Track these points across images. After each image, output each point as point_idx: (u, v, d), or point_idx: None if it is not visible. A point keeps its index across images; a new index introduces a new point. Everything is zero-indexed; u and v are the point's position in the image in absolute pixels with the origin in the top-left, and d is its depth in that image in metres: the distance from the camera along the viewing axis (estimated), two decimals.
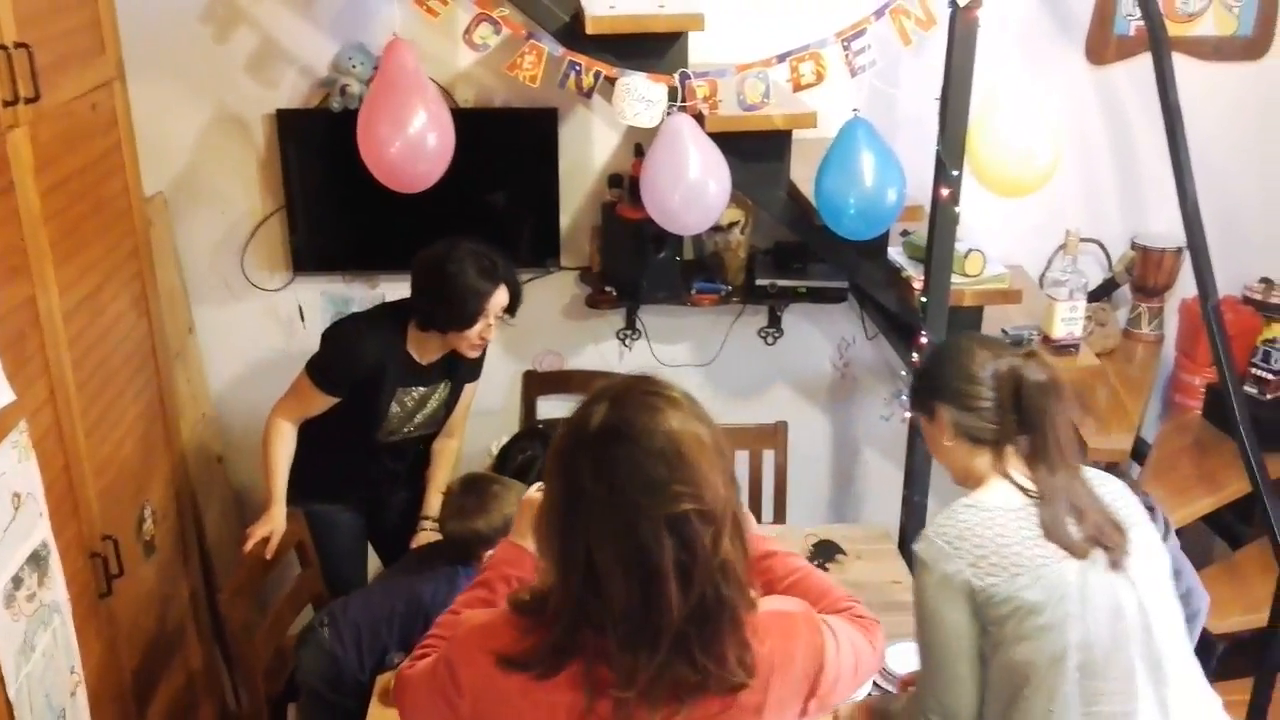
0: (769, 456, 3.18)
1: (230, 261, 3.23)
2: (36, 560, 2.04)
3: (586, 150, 3.20)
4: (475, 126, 3.07)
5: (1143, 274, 3.35)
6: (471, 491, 2.34)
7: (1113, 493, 1.85)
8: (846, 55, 2.39)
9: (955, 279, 2.63)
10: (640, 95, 2.44)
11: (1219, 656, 2.29)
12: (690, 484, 1.25)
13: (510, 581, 1.57)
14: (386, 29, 2.93)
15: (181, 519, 2.90)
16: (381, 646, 2.21)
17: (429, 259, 2.58)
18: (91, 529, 2.31)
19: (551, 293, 3.33)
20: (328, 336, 2.66)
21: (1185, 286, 3.38)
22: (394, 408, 2.66)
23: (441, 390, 2.76)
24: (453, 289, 2.52)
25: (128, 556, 2.45)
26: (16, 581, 1.96)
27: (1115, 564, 1.74)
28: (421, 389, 2.70)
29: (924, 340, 2.59)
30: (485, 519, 2.27)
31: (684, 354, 3.42)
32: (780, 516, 3.13)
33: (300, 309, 3.30)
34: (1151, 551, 1.82)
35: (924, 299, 2.59)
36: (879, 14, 2.37)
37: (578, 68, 2.45)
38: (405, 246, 3.18)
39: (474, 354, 2.66)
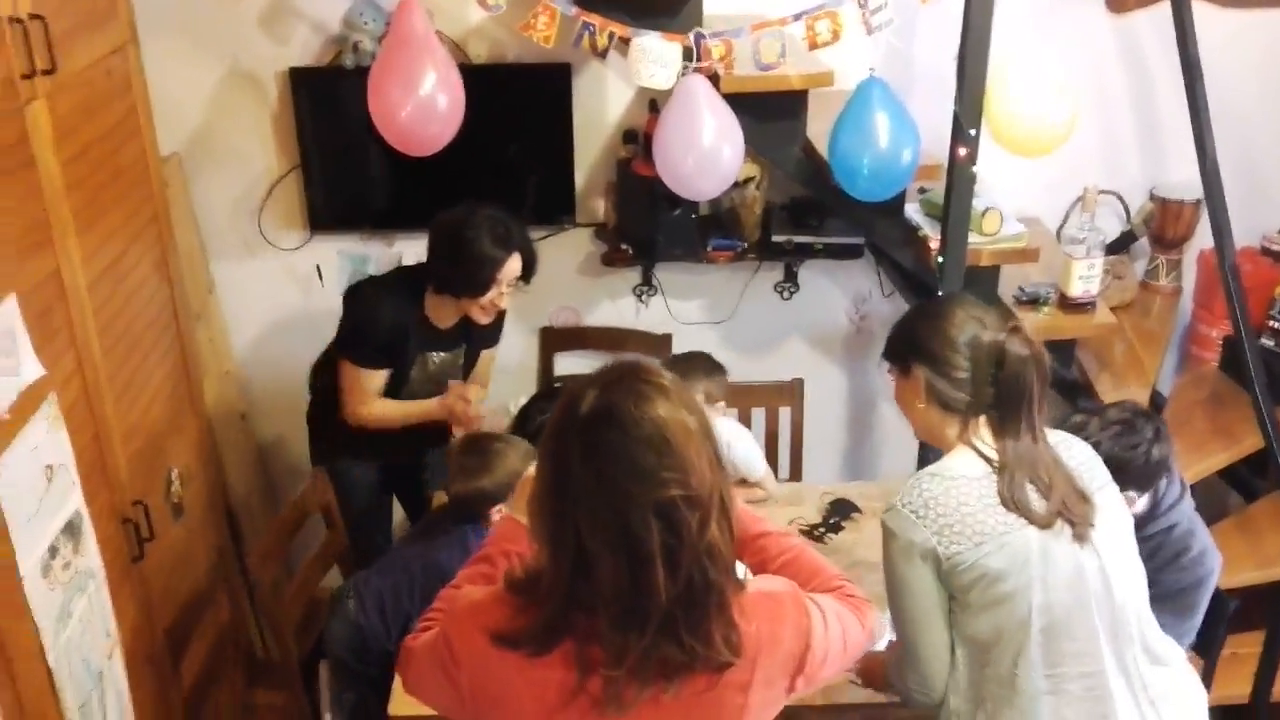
0: (785, 414, 3.20)
1: (247, 221, 3.25)
2: (71, 529, 2.09)
3: (601, 106, 3.18)
4: (488, 83, 3.05)
5: (1161, 226, 3.33)
6: (474, 451, 2.35)
7: (1078, 457, 1.86)
8: (863, 14, 2.36)
9: (972, 238, 2.62)
10: (655, 57, 2.42)
11: (1230, 616, 2.32)
12: (677, 470, 1.28)
13: (510, 556, 1.60)
14: None
15: (208, 479, 2.95)
16: (405, 615, 2.25)
17: (446, 224, 2.59)
18: (122, 495, 2.36)
19: (567, 250, 3.33)
20: (347, 309, 2.68)
21: (1204, 238, 3.35)
22: (415, 371, 2.69)
23: (460, 353, 2.79)
24: (467, 255, 2.54)
25: (158, 520, 2.50)
26: (52, 551, 2.01)
27: (1079, 536, 1.76)
28: (442, 353, 2.73)
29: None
30: (490, 477, 2.29)
31: (700, 311, 3.43)
32: (796, 474, 3.16)
33: (318, 268, 3.31)
34: (1115, 515, 1.84)
35: (940, 259, 2.59)
36: None
37: (591, 28, 2.43)
38: (421, 205, 3.19)
39: (485, 319, 2.68)
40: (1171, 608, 2.21)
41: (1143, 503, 2.23)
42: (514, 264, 2.59)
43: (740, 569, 2.04)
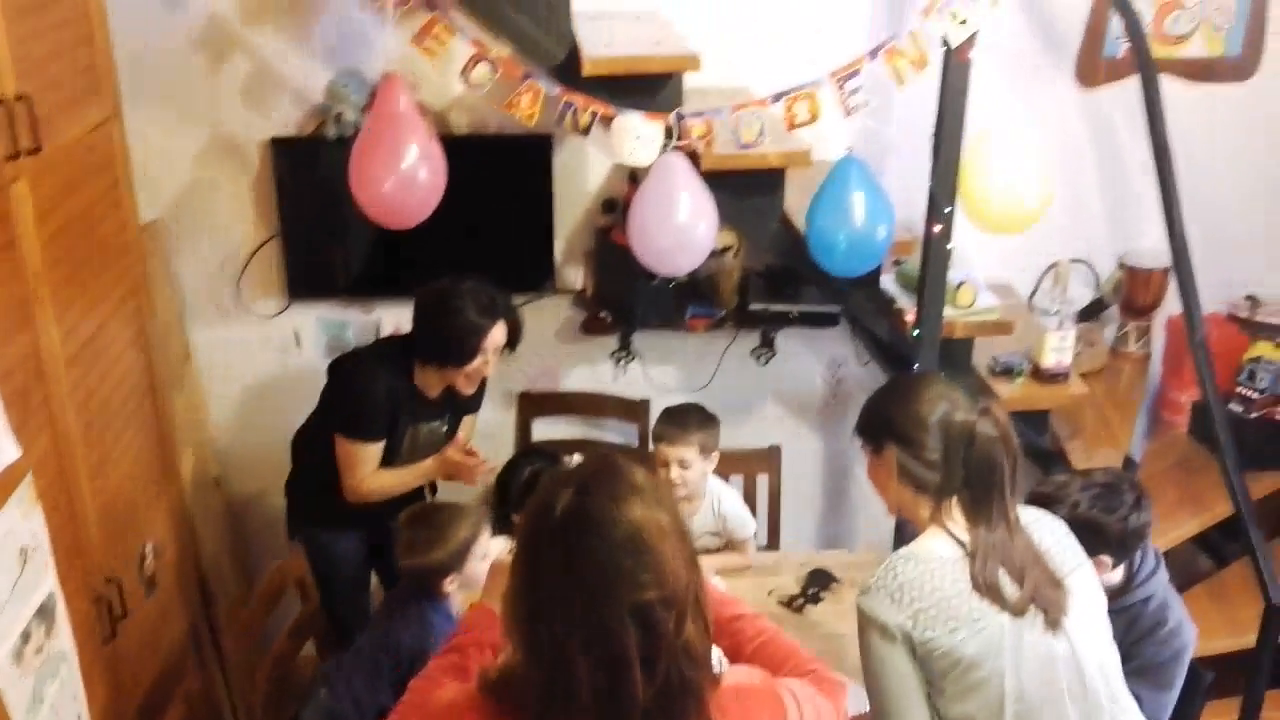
0: (763, 480, 3.22)
1: (226, 287, 3.24)
2: (44, 612, 2.06)
3: (581, 175, 3.22)
4: (470, 153, 3.09)
5: (1130, 293, 3.39)
6: (421, 523, 2.32)
7: (1051, 537, 1.87)
8: (841, 95, 2.41)
9: (947, 311, 2.66)
10: (636, 134, 2.45)
11: (1205, 690, 2.34)
12: (653, 572, 1.28)
13: (483, 647, 1.60)
14: (381, 55, 2.97)
15: (182, 551, 2.91)
16: (378, 702, 2.24)
17: (431, 295, 2.61)
18: (96, 573, 2.33)
19: (546, 316, 3.35)
20: (338, 384, 2.68)
21: (1173, 304, 3.41)
22: (405, 443, 2.69)
23: (446, 421, 2.80)
24: (453, 324, 2.56)
25: (131, 596, 2.46)
26: (25, 636, 1.97)
27: (1052, 624, 1.77)
28: (433, 423, 2.74)
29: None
30: (441, 548, 2.26)
31: (678, 377, 3.45)
32: (774, 540, 3.17)
33: (296, 334, 3.31)
34: (1088, 598, 1.85)
35: (916, 331, 2.62)
36: (873, 54, 2.39)
37: (574, 107, 2.47)
38: (401, 272, 3.24)
39: (469, 389, 2.70)
40: (1150, 681, 2.22)
41: (1118, 574, 2.25)
42: (499, 332, 2.62)
43: (715, 655, 2.04)
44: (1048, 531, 1.89)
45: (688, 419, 2.72)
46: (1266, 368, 3.25)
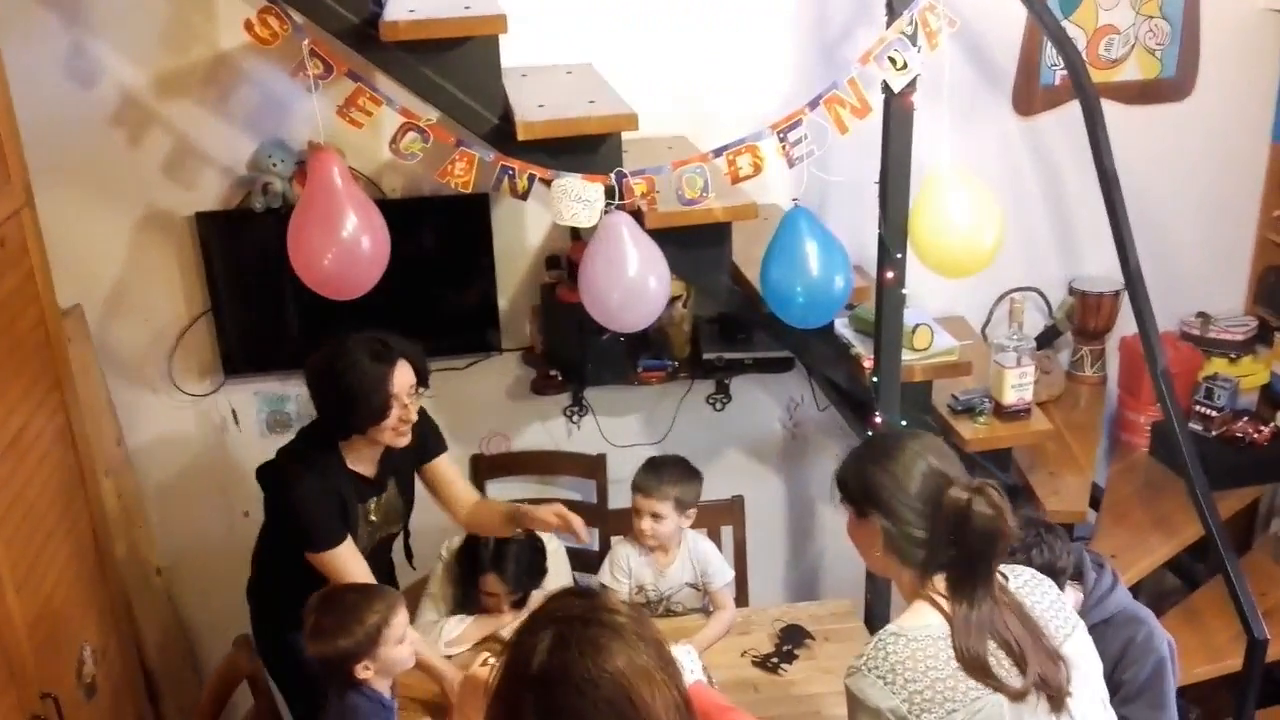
0: (727, 532, 3.15)
1: (157, 368, 3.11)
2: None
3: (521, 233, 3.14)
4: (405, 216, 3.00)
5: (1083, 319, 3.37)
6: (327, 609, 2.19)
7: (1046, 599, 1.78)
8: (783, 146, 2.35)
9: (905, 355, 2.61)
10: (577, 195, 2.37)
11: None
12: None
13: None
14: (305, 121, 2.86)
15: (123, 650, 2.78)
16: None
17: (317, 366, 2.42)
18: (30, 690, 2.20)
19: (494, 375, 3.26)
20: (277, 503, 2.49)
21: (1124, 325, 3.42)
22: (361, 526, 2.55)
23: (391, 488, 2.64)
24: (350, 385, 2.34)
25: (69, 708, 2.33)
26: None
27: (1057, 706, 1.69)
28: (377, 498, 2.58)
29: (878, 421, 2.57)
30: (346, 635, 2.13)
31: (633, 431, 3.37)
32: (742, 590, 3.09)
33: (234, 412, 3.18)
34: (1087, 664, 1.77)
35: (875, 379, 2.57)
36: (813, 104, 2.34)
37: (511, 171, 2.38)
38: None
39: (403, 440, 2.48)
40: (1145, 704, 2.18)
41: (1075, 596, 2.21)
42: (404, 373, 2.40)
43: (689, 659, 1.94)
44: (1041, 595, 1.79)
45: (664, 473, 2.67)
46: (1223, 385, 3.26)
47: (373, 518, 2.58)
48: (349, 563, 2.42)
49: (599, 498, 3.31)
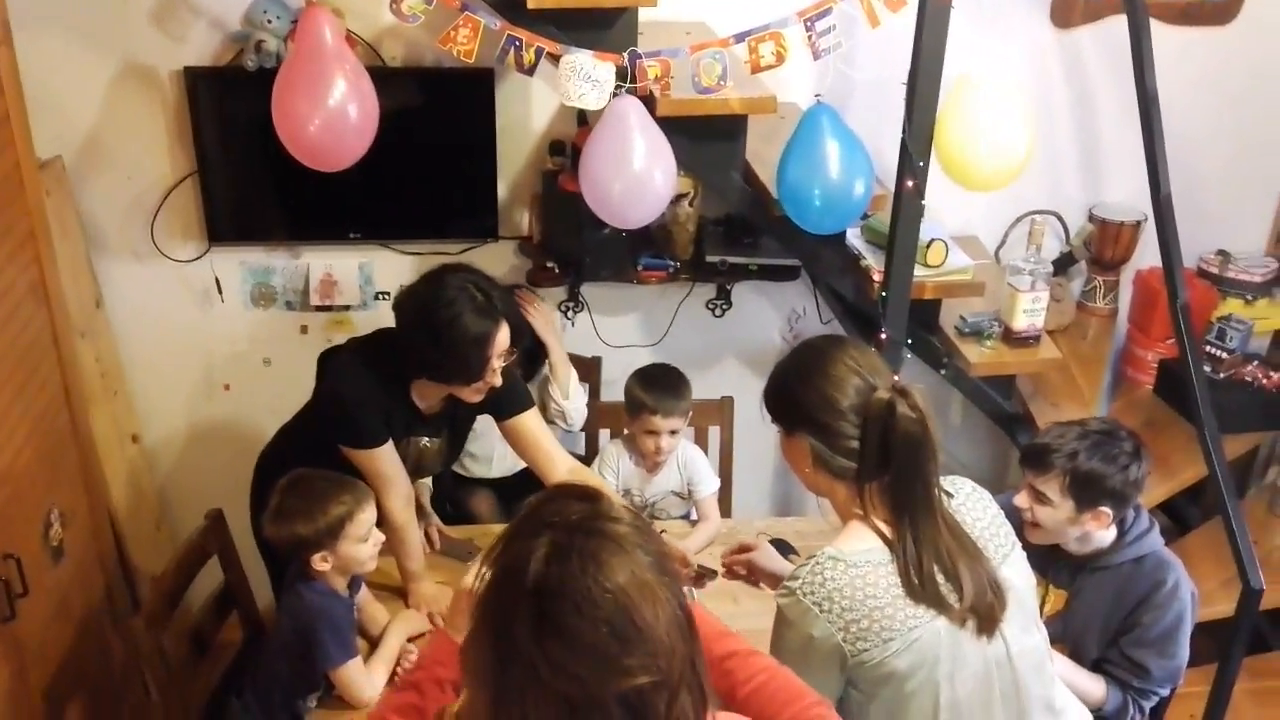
0: (714, 433, 3.08)
1: (139, 230, 2.99)
2: None
3: (525, 113, 2.99)
4: (405, 87, 2.88)
5: (1100, 247, 3.26)
6: (293, 492, 2.11)
7: (986, 516, 1.73)
8: (810, 36, 2.21)
9: (916, 270, 2.51)
10: (586, 75, 2.24)
11: None
12: (644, 655, 1.08)
13: (442, 685, 1.42)
14: None
15: (94, 515, 2.71)
16: (285, 702, 2.14)
17: (414, 310, 2.22)
18: None
19: (488, 264, 3.07)
20: (334, 396, 2.32)
21: (1140, 258, 3.31)
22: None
23: (444, 438, 2.49)
24: (451, 340, 2.15)
25: (32, 570, 2.27)
26: None
27: (988, 629, 1.64)
28: (426, 440, 2.44)
29: (883, 337, 2.47)
30: (306, 522, 2.06)
31: (630, 331, 3.27)
32: (726, 495, 3.02)
33: (218, 281, 3.07)
34: (1021, 584, 1.72)
35: (883, 293, 2.47)
36: None
37: (517, 42, 2.25)
38: (331, 215, 3.02)
39: (478, 398, 2.32)
40: (1157, 650, 2.16)
41: (1111, 533, 2.18)
42: (503, 335, 2.20)
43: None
44: (982, 510, 1.73)
45: (679, 387, 2.59)
46: (1236, 326, 3.16)
47: (411, 452, 2.43)
48: (386, 462, 2.30)
49: (591, 398, 3.23)
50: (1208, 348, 3.19)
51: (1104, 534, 2.17)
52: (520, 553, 1.11)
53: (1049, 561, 2.23)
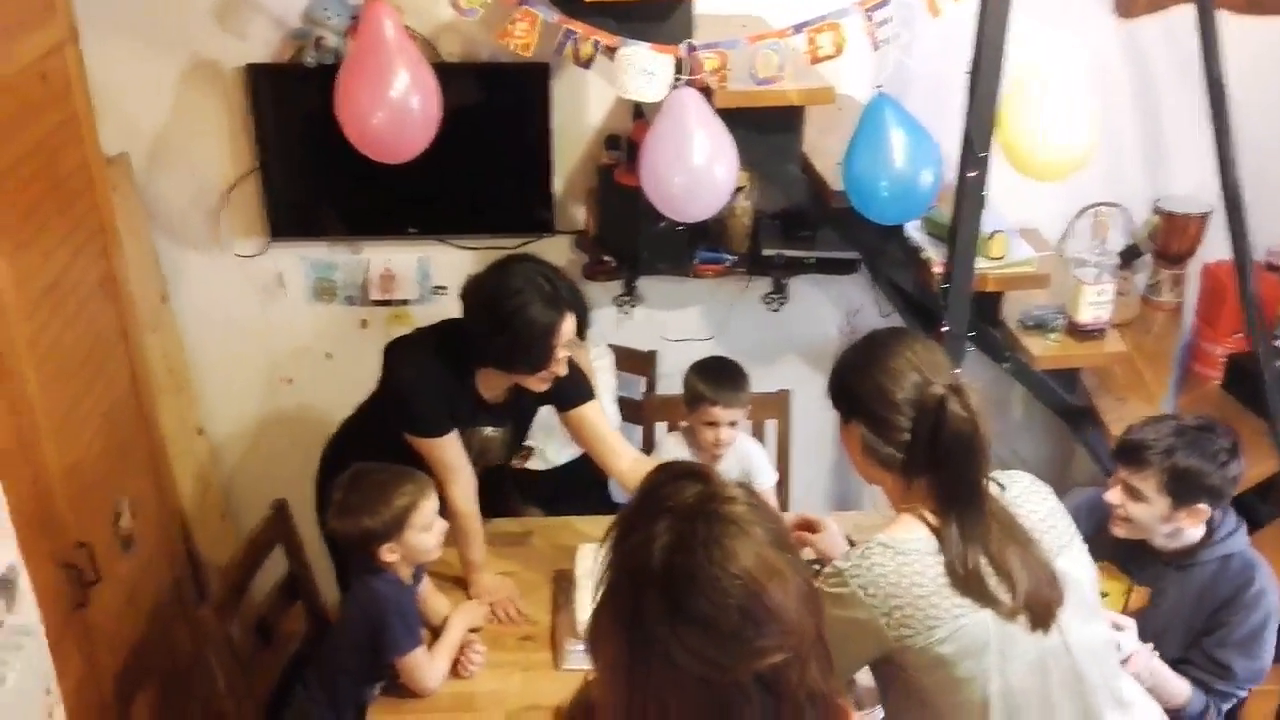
0: (771, 426, 3.07)
1: (204, 225, 3.05)
2: (4, 585, 1.91)
3: (581, 108, 3.00)
4: (461, 83, 2.89)
5: (1166, 240, 3.19)
6: (355, 487, 2.13)
7: (1044, 508, 1.72)
8: (869, 26, 2.19)
9: (978, 262, 2.47)
10: (642, 68, 2.24)
11: None
12: (775, 634, 1.10)
13: None
14: None
15: (162, 506, 2.77)
16: (350, 691, 2.16)
17: (481, 298, 2.24)
18: (63, 539, 2.18)
19: (545, 258, 3.10)
20: (400, 385, 2.35)
21: (1207, 251, 3.24)
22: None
23: (508, 429, 2.51)
24: (517, 328, 2.17)
25: (104, 559, 2.32)
26: None
27: (1043, 622, 1.62)
28: (489, 429, 2.46)
29: (945, 330, 2.44)
30: (371, 514, 2.08)
31: (687, 324, 3.27)
32: (783, 500, 3.01)
33: (280, 276, 3.12)
34: (1081, 578, 1.70)
35: (945, 286, 2.44)
36: None
37: (574, 36, 2.25)
38: (390, 210, 3.05)
39: (543, 388, 2.34)
40: (1243, 651, 2.13)
41: (1199, 530, 2.14)
42: (569, 325, 2.22)
43: None
44: (1039, 503, 1.72)
45: (738, 379, 2.58)
46: None
47: (474, 443, 2.45)
48: (452, 451, 2.33)
49: (647, 391, 3.24)
50: (1275, 342, 3.11)
51: (1194, 531, 2.13)
52: (643, 542, 1.12)
53: (1131, 557, 2.20)
